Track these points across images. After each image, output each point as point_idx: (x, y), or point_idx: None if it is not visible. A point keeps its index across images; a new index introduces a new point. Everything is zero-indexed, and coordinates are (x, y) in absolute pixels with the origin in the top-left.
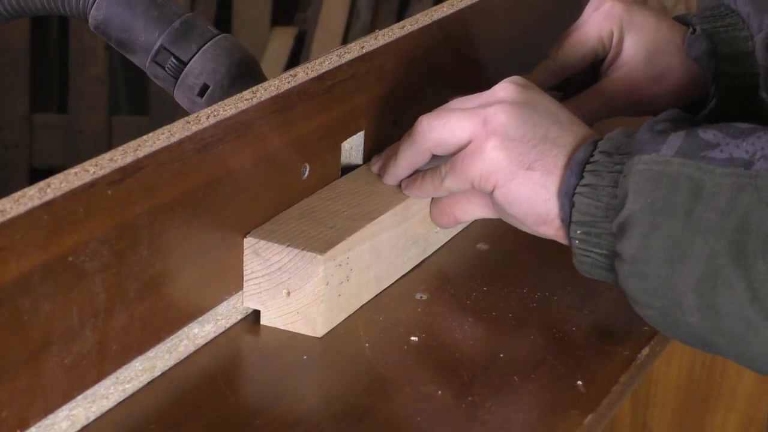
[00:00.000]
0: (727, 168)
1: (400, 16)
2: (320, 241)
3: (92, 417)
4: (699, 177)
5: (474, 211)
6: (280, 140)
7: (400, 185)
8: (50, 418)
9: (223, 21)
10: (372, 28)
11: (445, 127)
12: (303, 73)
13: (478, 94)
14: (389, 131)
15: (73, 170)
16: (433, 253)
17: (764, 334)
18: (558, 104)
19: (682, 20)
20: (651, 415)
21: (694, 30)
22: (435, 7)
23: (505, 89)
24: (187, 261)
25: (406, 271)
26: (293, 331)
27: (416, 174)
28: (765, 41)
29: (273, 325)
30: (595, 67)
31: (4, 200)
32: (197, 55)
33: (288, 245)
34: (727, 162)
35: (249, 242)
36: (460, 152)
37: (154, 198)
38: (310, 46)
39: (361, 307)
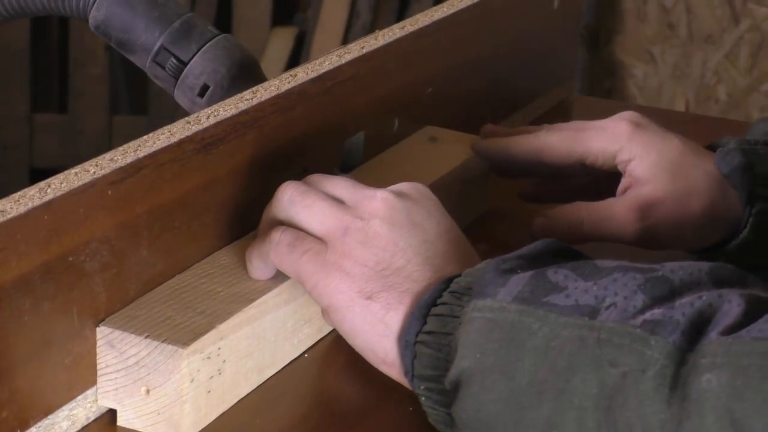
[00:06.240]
0: (570, 317)
1: (400, 16)
2: (185, 331)
3: (92, 417)
4: (537, 328)
5: None
6: (280, 140)
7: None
8: (50, 418)
9: (223, 21)
10: (372, 28)
11: (303, 210)
12: (303, 73)
13: (358, 189)
14: (389, 131)
15: (73, 170)
16: None
17: None
18: (440, 217)
19: (714, 146)
20: None
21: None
22: (435, 7)
23: (384, 201)
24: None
25: (298, 354)
26: None
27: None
28: None
29: (131, 427)
30: (597, 185)
31: (4, 200)
32: (197, 55)
33: (146, 336)
34: (571, 309)
35: (102, 332)
36: (306, 241)
37: (154, 198)
38: (310, 46)
39: None
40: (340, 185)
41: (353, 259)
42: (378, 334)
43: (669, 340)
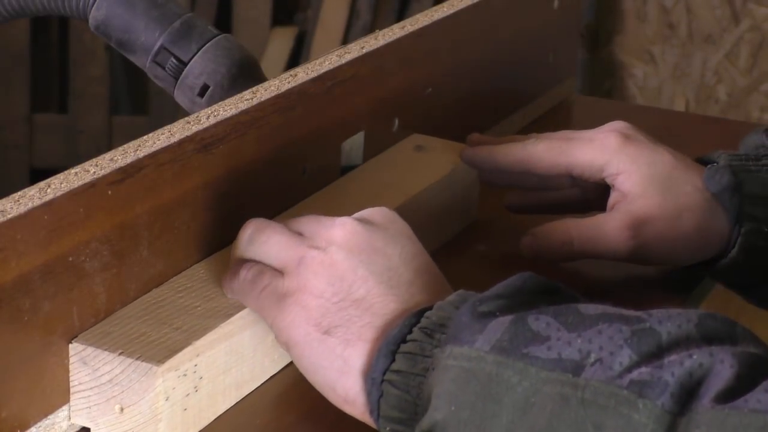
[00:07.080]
0: (552, 372)
1: (400, 16)
2: (160, 348)
3: None
4: (516, 382)
5: None
6: (280, 140)
7: None
8: (50, 418)
9: (223, 21)
10: (372, 28)
11: (261, 246)
12: (303, 73)
13: (320, 220)
14: (389, 131)
15: (73, 170)
16: (433, 256)
17: None
18: (406, 242)
19: (705, 160)
20: None
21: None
22: (435, 7)
23: (342, 227)
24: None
25: (278, 369)
26: None
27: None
28: None
29: None
30: (584, 196)
31: (4, 200)
32: (197, 55)
33: (120, 353)
34: (553, 363)
35: (75, 348)
36: (266, 276)
37: (154, 198)
38: (310, 46)
39: None
40: (303, 220)
41: (309, 291)
42: (337, 371)
43: (657, 403)
